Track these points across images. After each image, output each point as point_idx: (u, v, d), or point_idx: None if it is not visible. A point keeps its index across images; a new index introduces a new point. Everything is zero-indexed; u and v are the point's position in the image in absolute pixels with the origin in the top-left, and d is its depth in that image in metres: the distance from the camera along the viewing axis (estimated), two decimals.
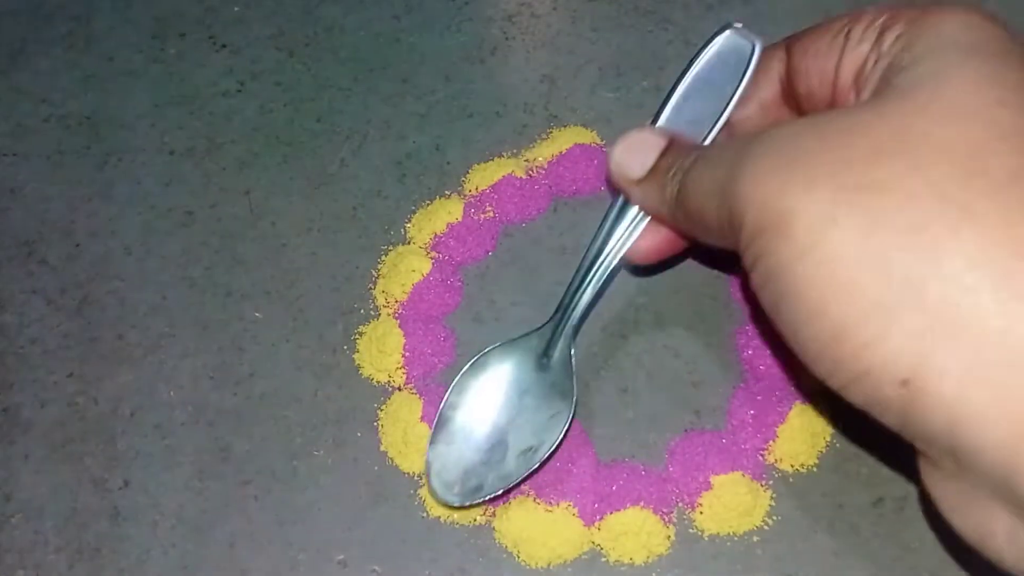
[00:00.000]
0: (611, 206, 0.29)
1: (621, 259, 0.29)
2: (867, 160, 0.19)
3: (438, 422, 0.30)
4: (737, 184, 0.21)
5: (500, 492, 0.29)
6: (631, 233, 0.29)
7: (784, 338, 0.21)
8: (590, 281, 0.30)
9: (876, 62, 0.21)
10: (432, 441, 0.29)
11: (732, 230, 0.22)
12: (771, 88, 0.26)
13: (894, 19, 0.21)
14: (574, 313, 0.30)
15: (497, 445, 0.29)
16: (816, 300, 0.19)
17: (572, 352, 0.30)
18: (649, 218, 0.29)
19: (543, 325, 0.31)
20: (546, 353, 0.30)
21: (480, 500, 0.29)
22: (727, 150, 0.23)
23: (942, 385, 0.18)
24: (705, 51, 0.29)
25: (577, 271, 0.30)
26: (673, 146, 0.27)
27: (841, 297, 0.19)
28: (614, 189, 0.29)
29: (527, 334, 0.31)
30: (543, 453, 0.29)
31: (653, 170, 0.26)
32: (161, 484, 0.31)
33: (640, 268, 0.33)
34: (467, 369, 0.30)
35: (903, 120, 0.19)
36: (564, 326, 0.30)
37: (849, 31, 0.22)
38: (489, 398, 0.30)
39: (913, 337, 0.18)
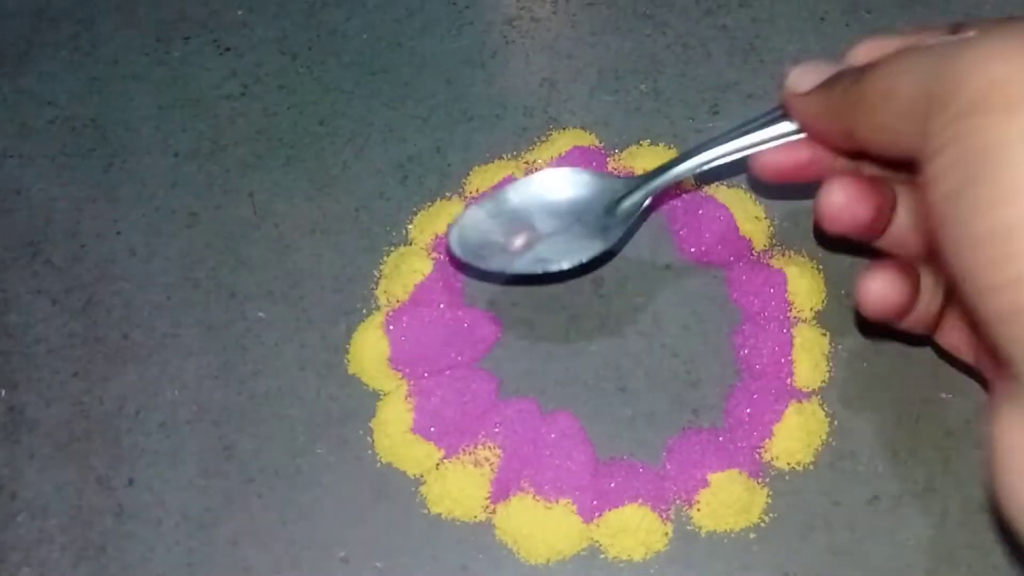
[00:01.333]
0: (758, 118, 0.29)
1: (740, 159, 0.30)
2: None
3: (496, 191, 0.31)
4: (963, 59, 0.20)
5: (493, 271, 0.31)
6: (764, 142, 0.29)
7: (941, 234, 0.20)
8: (697, 158, 0.30)
9: None
10: (478, 201, 0.31)
11: (929, 111, 0.20)
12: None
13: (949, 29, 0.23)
14: (666, 175, 0.30)
15: (526, 241, 0.30)
16: (1018, 183, 0.18)
17: (643, 207, 0.31)
18: (792, 139, 0.29)
19: (634, 177, 0.31)
20: (620, 200, 0.31)
21: (475, 264, 0.31)
22: (946, 41, 0.22)
23: None
24: None
25: (694, 147, 0.30)
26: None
27: None
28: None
29: (615, 177, 0.31)
30: (552, 267, 0.30)
31: (825, 82, 0.26)
32: (166, 482, 0.32)
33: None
34: (551, 165, 0.31)
35: None
36: (652, 181, 0.31)
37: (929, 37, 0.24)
38: (548, 201, 0.30)
39: None
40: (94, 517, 0.31)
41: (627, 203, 0.31)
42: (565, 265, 0.30)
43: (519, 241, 0.31)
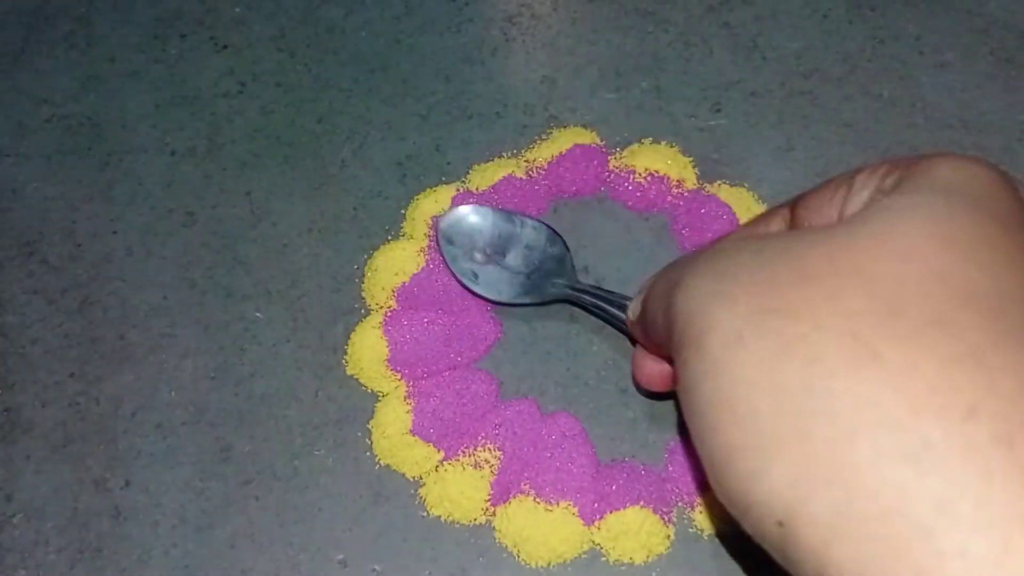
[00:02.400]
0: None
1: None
2: (790, 282, 0.18)
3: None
4: (677, 291, 0.20)
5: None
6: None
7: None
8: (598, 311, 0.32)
9: (869, 201, 0.21)
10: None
11: (669, 339, 0.21)
12: None
13: (896, 166, 0.21)
14: (578, 296, 0.32)
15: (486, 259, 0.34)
16: (715, 420, 0.18)
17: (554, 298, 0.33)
18: None
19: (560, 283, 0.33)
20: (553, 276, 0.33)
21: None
22: (681, 262, 0.22)
23: (812, 533, 0.17)
24: None
25: (600, 301, 0.32)
26: None
27: (736, 420, 0.18)
28: None
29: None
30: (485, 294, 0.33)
31: (635, 300, 0.27)
32: (162, 484, 0.31)
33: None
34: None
35: (842, 248, 0.18)
36: (570, 291, 0.33)
37: (852, 182, 0.22)
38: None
39: (792, 476, 0.17)
40: (90, 519, 0.31)
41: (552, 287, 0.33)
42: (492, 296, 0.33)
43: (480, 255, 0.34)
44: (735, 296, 0.18)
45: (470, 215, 0.34)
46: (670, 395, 0.31)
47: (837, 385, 0.17)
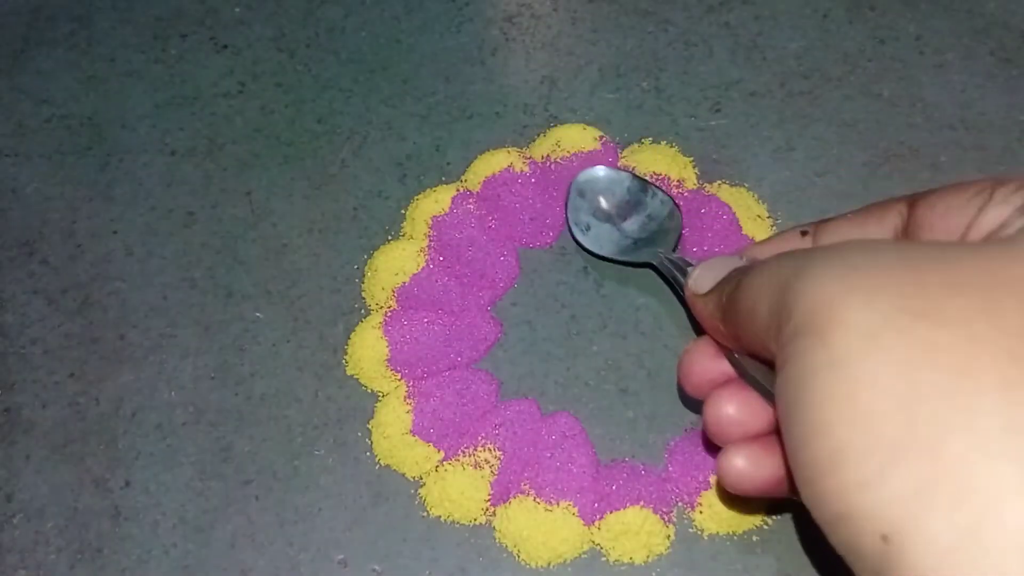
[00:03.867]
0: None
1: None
2: (941, 288, 0.17)
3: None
4: (799, 279, 0.19)
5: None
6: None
7: (787, 455, 0.19)
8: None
9: (1017, 219, 0.19)
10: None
11: (777, 329, 0.20)
12: (888, 236, 0.24)
13: None
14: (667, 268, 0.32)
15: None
16: (826, 417, 0.17)
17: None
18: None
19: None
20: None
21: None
22: (800, 252, 0.21)
23: (926, 554, 0.15)
24: None
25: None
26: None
27: (853, 421, 0.17)
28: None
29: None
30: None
31: (717, 285, 0.25)
32: (162, 484, 0.31)
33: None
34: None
35: (999, 260, 0.17)
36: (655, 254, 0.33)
37: (993, 192, 0.20)
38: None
39: (912, 489, 0.16)
40: (90, 519, 0.31)
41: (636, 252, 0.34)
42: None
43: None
44: (875, 292, 0.17)
45: (611, 175, 0.35)
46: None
47: (984, 403, 0.15)
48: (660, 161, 0.36)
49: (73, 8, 0.42)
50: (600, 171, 0.35)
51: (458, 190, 0.36)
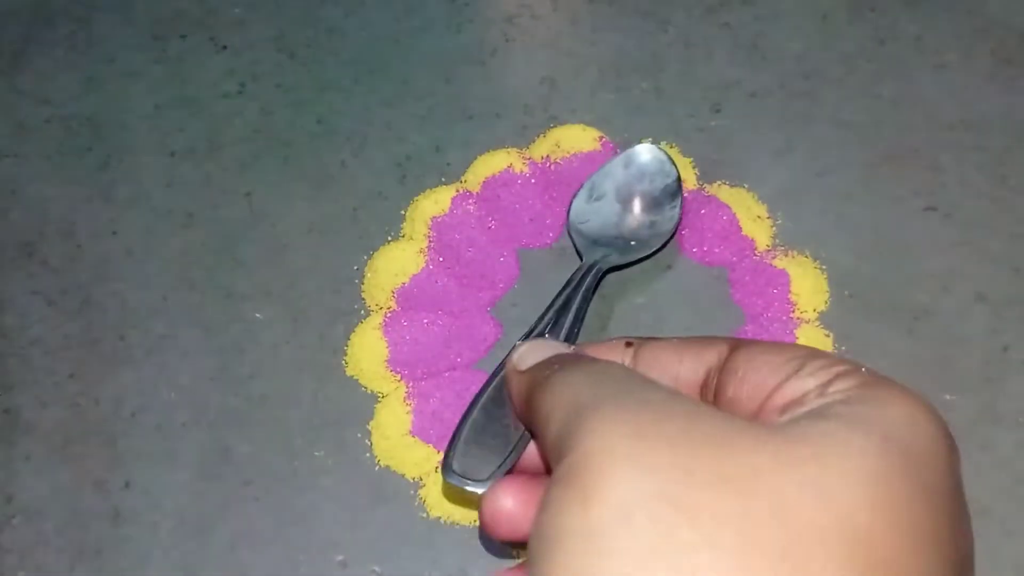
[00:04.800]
0: None
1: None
2: (707, 481, 0.17)
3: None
4: (590, 417, 0.18)
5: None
6: None
7: None
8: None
9: (814, 399, 0.20)
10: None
11: (558, 455, 0.19)
12: (696, 374, 0.23)
13: (851, 374, 0.20)
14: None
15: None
16: (544, 561, 0.17)
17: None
18: None
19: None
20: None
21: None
22: (607, 377, 0.20)
23: None
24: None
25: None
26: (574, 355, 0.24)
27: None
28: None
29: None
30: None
31: (535, 366, 0.23)
32: (162, 485, 0.31)
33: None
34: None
35: (768, 456, 0.17)
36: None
37: (805, 362, 0.21)
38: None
39: None
40: (90, 520, 0.31)
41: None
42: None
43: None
44: (648, 470, 0.17)
45: (659, 158, 0.34)
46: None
47: None
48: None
49: (73, 8, 0.42)
50: (652, 152, 0.35)
51: (458, 191, 0.36)
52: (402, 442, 0.31)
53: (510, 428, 0.25)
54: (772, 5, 0.40)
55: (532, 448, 0.25)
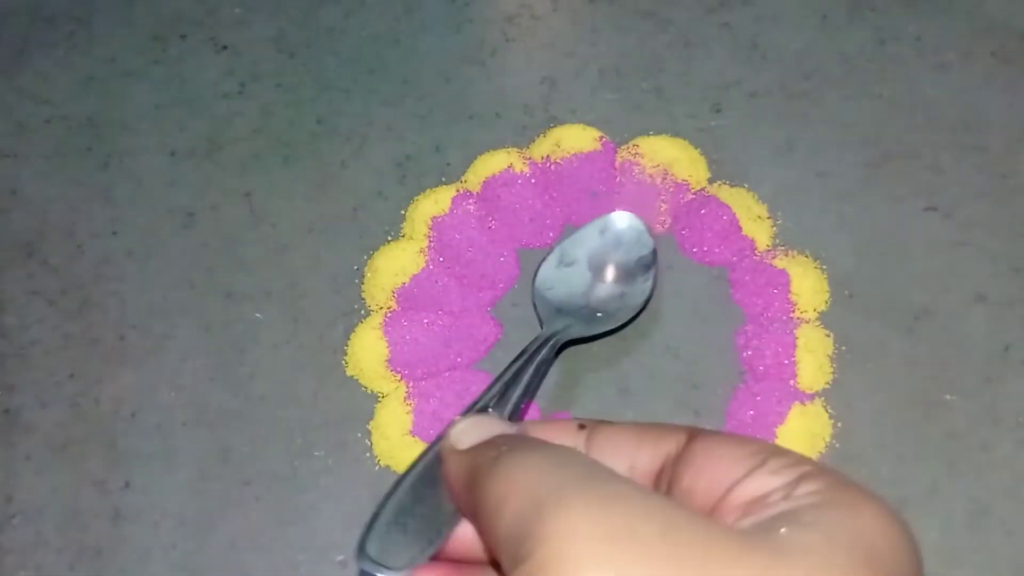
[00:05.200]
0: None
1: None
2: None
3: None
4: (553, 513, 0.17)
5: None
6: None
7: None
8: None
9: (780, 500, 0.18)
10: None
11: (512, 556, 0.17)
12: (653, 462, 0.22)
13: (817, 476, 0.19)
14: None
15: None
16: None
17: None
18: None
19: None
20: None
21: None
22: (568, 467, 0.18)
23: None
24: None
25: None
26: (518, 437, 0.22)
27: None
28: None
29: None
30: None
31: (478, 446, 0.21)
32: (162, 485, 0.31)
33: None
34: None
35: (753, 575, 0.16)
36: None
37: (767, 459, 0.20)
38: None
39: None
40: (90, 520, 0.31)
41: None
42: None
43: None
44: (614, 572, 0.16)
45: (636, 227, 0.33)
46: None
47: None
48: (664, 156, 0.36)
49: (73, 9, 0.42)
50: (639, 223, 0.33)
51: (458, 191, 0.36)
52: (402, 442, 0.31)
53: (440, 511, 0.22)
54: (772, 5, 0.40)
55: (458, 531, 0.22)
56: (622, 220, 0.33)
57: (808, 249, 0.34)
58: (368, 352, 0.33)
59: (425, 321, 0.33)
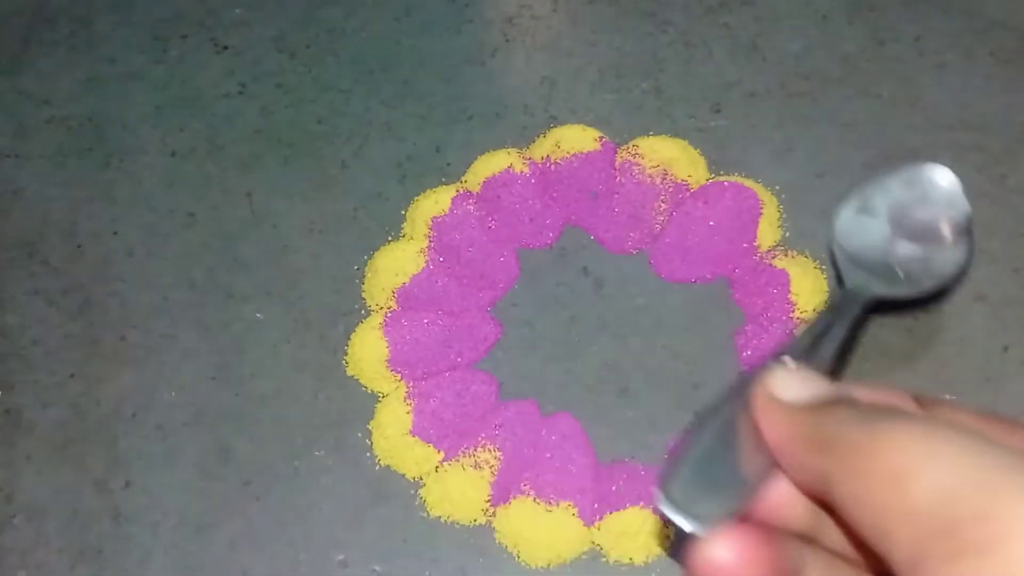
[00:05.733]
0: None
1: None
2: None
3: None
4: (1015, 503, 0.15)
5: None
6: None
7: None
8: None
9: None
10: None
11: (940, 533, 0.16)
12: None
13: None
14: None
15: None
16: None
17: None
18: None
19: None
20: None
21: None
22: (990, 445, 0.17)
23: None
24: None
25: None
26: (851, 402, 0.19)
27: None
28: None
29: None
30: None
31: (819, 406, 0.19)
32: (163, 485, 0.31)
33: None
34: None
35: None
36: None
37: None
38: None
39: None
40: (91, 520, 0.31)
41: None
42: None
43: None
44: None
45: (949, 187, 0.29)
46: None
47: None
48: (665, 154, 0.36)
49: (73, 9, 0.42)
50: (953, 181, 0.30)
51: (458, 191, 0.36)
52: (402, 442, 0.31)
53: (746, 464, 0.20)
54: (772, 5, 0.40)
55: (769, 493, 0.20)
56: (935, 175, 0.30)
57: (808, 249, 0.34)
58: (368, 352, 0.33)
59: (425, 321, 0.33)
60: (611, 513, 0.30)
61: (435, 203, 0.36)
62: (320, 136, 0.38)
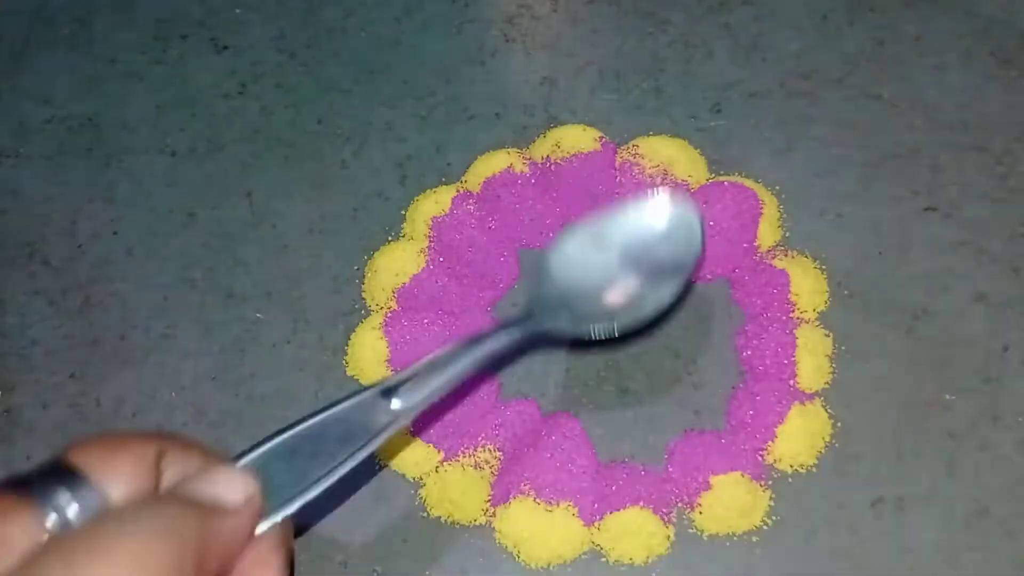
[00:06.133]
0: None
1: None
2: None
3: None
4: None
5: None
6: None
7: None
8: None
9: None
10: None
11: None
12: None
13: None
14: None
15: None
16: None
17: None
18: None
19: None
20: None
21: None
22: None
23: None
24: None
25: None
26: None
27: None
28: None
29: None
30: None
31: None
32: None
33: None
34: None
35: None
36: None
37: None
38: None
39: None
40: None
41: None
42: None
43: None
44: None
45: (685, 223, 0.29)
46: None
47: None
48: (666, 154, 0.36)
49: (73, 9, 0.42)
50: (694, 221, 0.29)
51: (458, 191, 0.36)
52: (402, 441, 0.31)
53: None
54: (772, 5, 0.40)
55: None
56: (676, 209, 0.29)
57: (808, 249, 0.34)
58: (368, 352, 0.33)
59: (425, 321, 0.33)
60: (611, 513, 0.30)
61: (435, 203, 0.36)
62: (320, 136, 0.38)
